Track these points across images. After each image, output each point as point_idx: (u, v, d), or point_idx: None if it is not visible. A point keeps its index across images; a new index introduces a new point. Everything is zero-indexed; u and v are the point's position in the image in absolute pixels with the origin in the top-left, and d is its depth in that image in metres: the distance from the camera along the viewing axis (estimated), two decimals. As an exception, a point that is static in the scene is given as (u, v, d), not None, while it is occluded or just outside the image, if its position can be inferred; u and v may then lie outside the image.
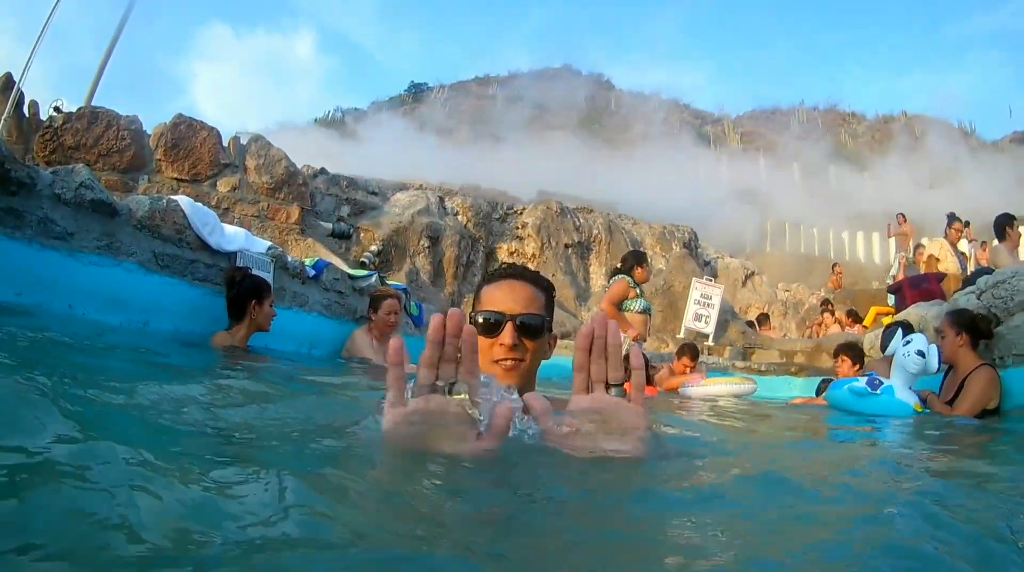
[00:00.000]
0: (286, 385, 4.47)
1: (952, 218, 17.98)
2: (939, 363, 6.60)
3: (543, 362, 3.02)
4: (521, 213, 20.08)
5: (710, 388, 9.69)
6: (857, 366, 8.89)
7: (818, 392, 9.25)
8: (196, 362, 4.97)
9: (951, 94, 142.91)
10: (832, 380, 8.81)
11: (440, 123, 53.86)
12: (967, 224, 29.20)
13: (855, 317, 17.54)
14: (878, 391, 6.50)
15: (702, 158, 51.21)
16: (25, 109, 13.52)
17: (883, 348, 7.13)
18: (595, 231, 20.20)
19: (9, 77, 14.34)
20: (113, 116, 12.80)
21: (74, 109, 14.87)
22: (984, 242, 24.60)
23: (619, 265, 10.75)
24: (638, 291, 10.20)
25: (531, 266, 17.62)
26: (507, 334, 2.78)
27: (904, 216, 26.63)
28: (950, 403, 6.47)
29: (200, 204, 6.55)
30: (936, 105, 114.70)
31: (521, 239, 19.02)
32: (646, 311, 10.29)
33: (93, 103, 15.91)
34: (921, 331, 7.99)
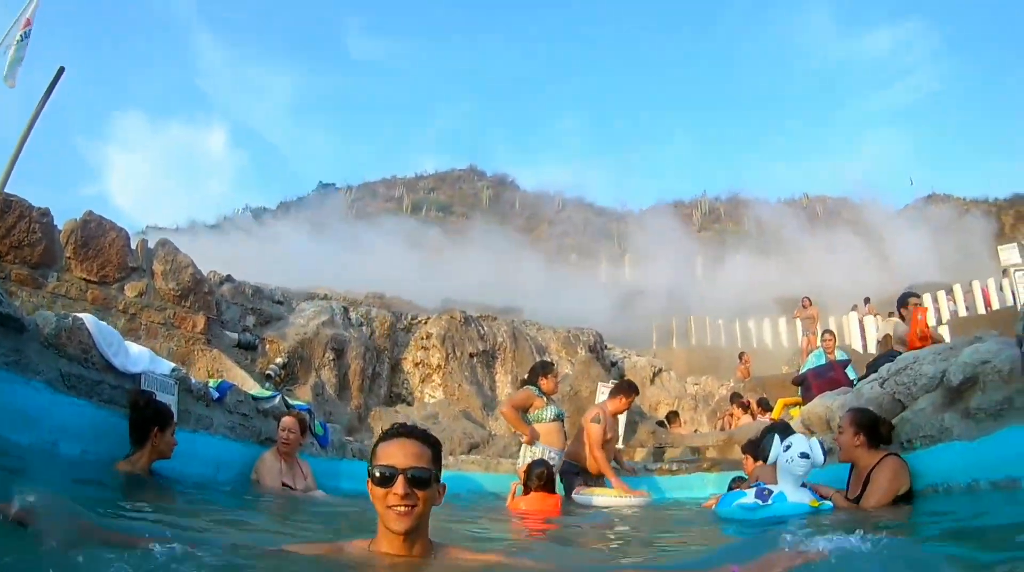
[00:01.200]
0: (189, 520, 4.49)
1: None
2: (824, 456, 6.68)
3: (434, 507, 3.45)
4: (426, 323, 20.10)
5: (603, 499, 9.68)
6: (760, 463, 8.83)
7: (729, 488, 9.26)
8: (99, 492, 4.90)
9: (852, 173, 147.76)
10: (742, 476, 8.90)
11: (346, 227, 53.94)
12: (867, 301, 30.25)
13: (765, 406, 17.71)
14: (769, 501, 6.50)
15: (606, 255, 51.93)
16: None
17: (764, 458, 7.17)
18: (499, 339, 20.26)
19: (-82, 151, 14.12)
20: (25, 207, 12.61)
21: None
22: (890, 312, 25.43)
23: (526, 377, 10.91)
24: (545, 400, 10.29)
25: (436, 377, 17.75)
26: (399, 485, 3.21)
27: (809, 299, 27.47)
28: (857, 500, 6.48)
29: (104, 324, 6.57)
30: (838, 185, 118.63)
31: (426, 349, 19.01)
32: (559, 417, 10.40)
33: (10, 182, 15.69)
34: (828, 422, 8.19)
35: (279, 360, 15.31)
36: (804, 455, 6.52)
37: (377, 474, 3.29)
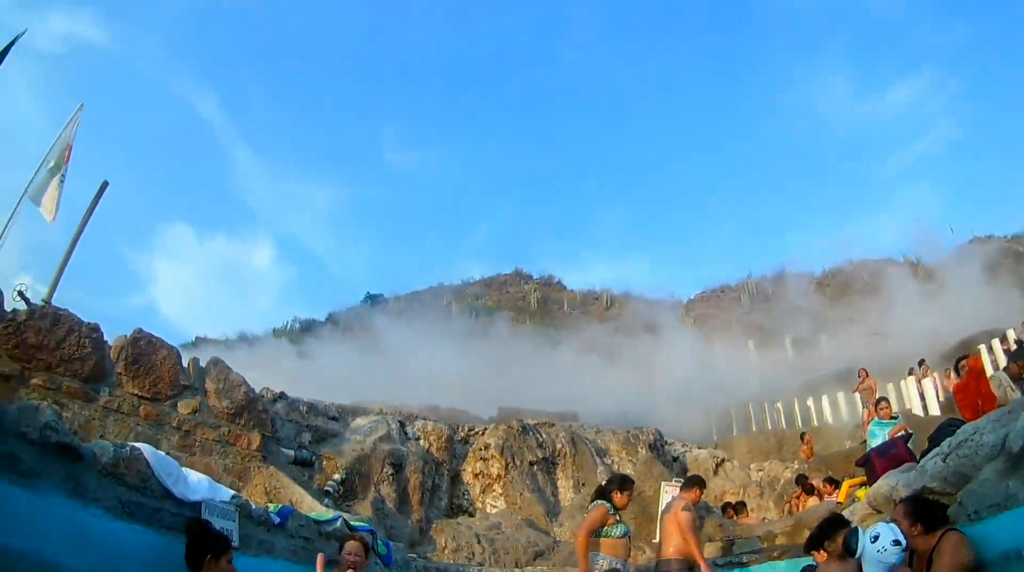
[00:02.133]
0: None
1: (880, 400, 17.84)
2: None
3: None
4: (483, 434, 19.88)
5: None
6: (825, 555, 8.53)
7: None
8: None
9: (892, 232, 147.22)
10: (812, 564, 8.54)
11: (396, 337, 53.99)
12: (921, 363, 29.46)
13: (833, 483, 17.21)
14: None
15: (658, 350, 51.33)
16: None
17: (851, 552, 6.88)
18: (559, 445, 19.95)
19: (-25, 265, 14.24)
20: (75, 321, 12.63)
21: (41, 292, 14.71)
22: (947, 369, 24.69)
23: (603, 485, 10.78)
24: (617, 517, 10.13)
25: (496, 487, 17.49)
26: None
27: (865, 371, 26.84)
28: None
29: (162, 453, 6.54)
30: (879, 246, 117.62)
31: (485, 460, 18.74)
32: (626, 535, 10.24)
33: (58, 290, 15.79)
34: (895, 502, 7.85)
35: (337, 476, 15.13)
36: (896, 542, 6.35)
37: None
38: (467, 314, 66.36)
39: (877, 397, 18.95)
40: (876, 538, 6.46)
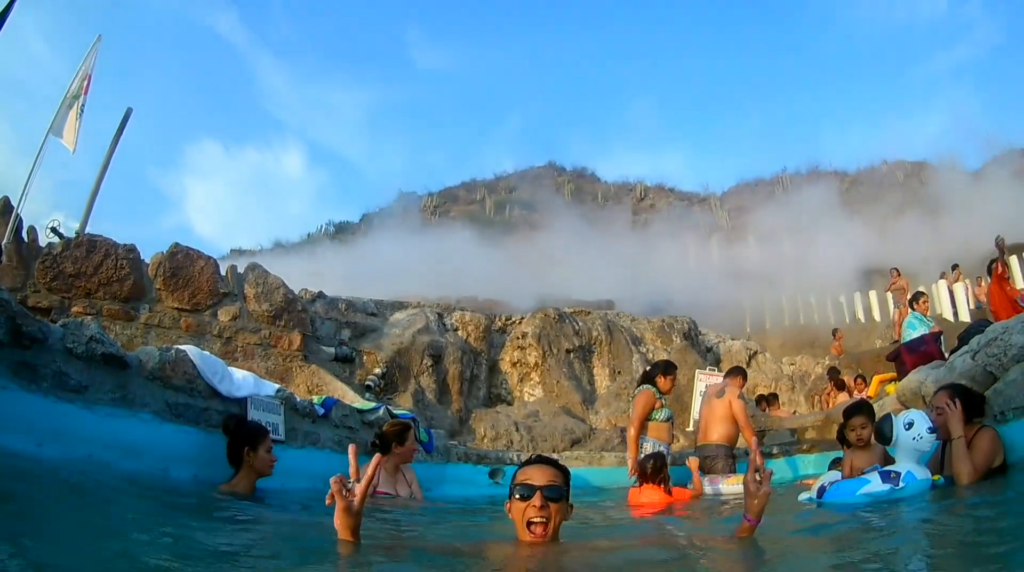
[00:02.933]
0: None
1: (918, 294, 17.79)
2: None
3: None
4: (520, 323, 20.05)
5: (732, 488, 9.75)
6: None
7: (829, 469, 9.12)
8: (201, 511, 4.91)
9: (927, 135, 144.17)
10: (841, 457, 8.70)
11: (430, 233, 53.99)
12: (954, 267, 29.38)
13: (863, 381, 17.43)
14: (900, 484, 6.28)
15: (692, 241, 51.14)
16: (24, 234, 13.56)
17: (885, 440, 6.97)
18: (595, 333, 20.09)
19: (7, 201, 14.40)
20: (111, 245, 12.86)
21: (73, 227, 14.99)
22: (979, 277, 24.71)
23: (646, 369, 11.32)
24: (662, 402, 10.52)
25: (534, 376, 17.71)
26: (536, 499, 3.81)
27: (897, 270, 26.78)
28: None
29: (208, 353, 6.67)
30: (913, 149, 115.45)
31: (523, 349, 18.93)
32: (670, 419, 10.62)
33: (90, 221, 16.05)
34: (923, 397, 8.01)
35: (377, 370, 15.37)
36: (932, 429, 6.35)
37: (518, 494, 3.90)
38: (501, 208, 66.16)
39: (915, 293, 18.95)
40: (910, 425, 6.47)
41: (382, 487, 7.63)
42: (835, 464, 9.06)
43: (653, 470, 9.09)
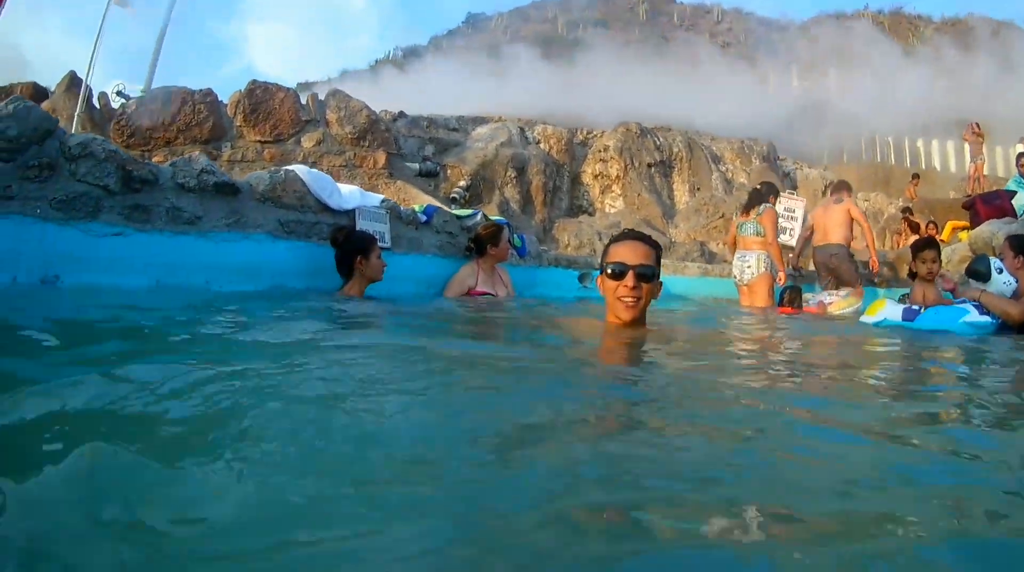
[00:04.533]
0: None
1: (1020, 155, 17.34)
2: None
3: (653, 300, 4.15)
4: (601, 136, 20.02)
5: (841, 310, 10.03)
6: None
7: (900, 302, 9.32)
8: (321, 313, 5.16)
9: None
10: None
11: (504, 53, 53.00)
12: None
13: (936, 226, 17.40)
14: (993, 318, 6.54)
15: (771, 68, 49.69)
16: (95, 101, 13.78)
17: (983, 278, 7.12)
18: (675, 149, 20.08)
19: (73, 75, 14.60)
20: (187, 92, 13.12)
21: (137, 89, 15.18)
22: None
23: (759, 187, 11.45)
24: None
25: (616, 188, 17.80)
26: (629, 279, 3.90)
27: (977, 124, 26.01)
28: None
29: (316, 170, 6.79)
30: (1001, 7, 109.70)
31: (604, 162, 18.96)
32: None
33: (154, 81, 16.22)
34: (994, 248, 8.24)
35: (462, 183, 15.54)
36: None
37: (610, 270, 3.96)
38: (573, 27, 64.54)
39: (1020, 153, 18.46)
40: (1001, 270, 6.85)
41: (481, 287, 7.90)
42: (904, 298, 9.21)
43: (789, 301, 9.91)
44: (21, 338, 2.86)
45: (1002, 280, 6.81)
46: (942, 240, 15.23)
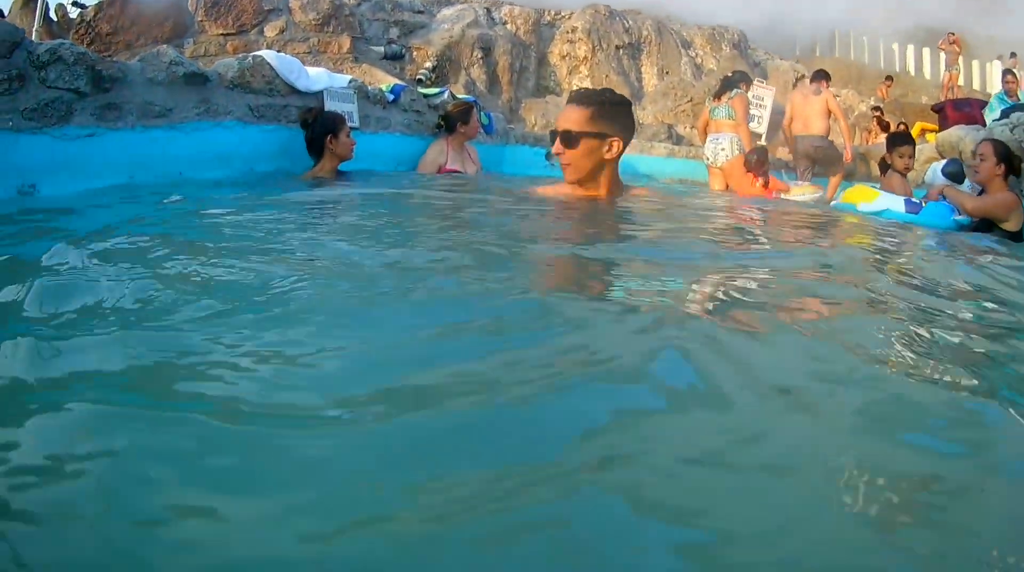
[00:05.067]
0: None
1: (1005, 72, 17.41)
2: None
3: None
4: (570, 17, 19.91)
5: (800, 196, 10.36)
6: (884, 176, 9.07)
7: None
8: (291, 194, 5.33)
9: None
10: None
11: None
12: (1013, 55, 28.25)
13: (907, 128, 17.52)
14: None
15: None
16: (52, 14, 13.67)
17: (959, 179, 7.49)
18: (644, 32, 19.89)
19: (28, -10, 14.45)
20: (146, -9, 13.01)
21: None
22: None
23: (730, 75, 11.56)
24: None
25: (583, 69, 17.87)
26: (557, 145, 3.84)
27: (954, 34, 25.90)
28: None
29: (283, 54, 6.87)
30: None
31: (572, 43, 18.85)
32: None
33: None
34: (960, 152, 8.45)
35: (428, 64, 15.50)
36: None
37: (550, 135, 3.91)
38: None
39: (1004, 69, 18.42)
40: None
41: (451, 165, 8.04)
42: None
43: (757, 162, 9.81)
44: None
45: (968, 183, 7.24)
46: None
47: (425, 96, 9.23)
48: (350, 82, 7.56)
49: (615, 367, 1.50)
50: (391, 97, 8.33)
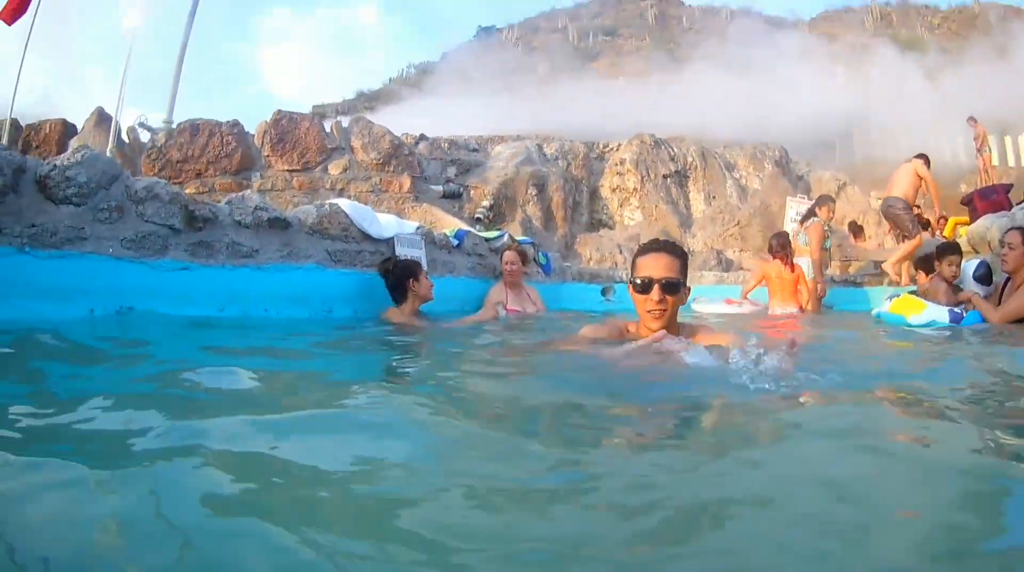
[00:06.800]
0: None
1: None
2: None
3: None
4: (618, 149, 20.37)
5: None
6: (930, 278, 9.22)
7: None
8: (382, 336, 5.72)
9: None
10: (915, 291, 9.21)
11: (515, 65, 53.18)
12: None
13: (946, 221, 17.68)
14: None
15: (780, 67, 49.54)
16: (124, 135, 14.26)
17: (988, 281, 7.78)
18: (690, 159, 20.34)
19: (101, 111, 15.05)
20: (213, 124, 13.64)
21: (159, 119, 15.69)
22: None
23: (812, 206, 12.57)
24: (828, 232, 12.05)
25: (633, 201, 18.20)
26: (655, 293, 4.00)
27: (974, 119, 26.01)
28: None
29: (357, 202, 7.36)
30: None
31: (621, 175, 19.31)
32: (827, 249, 12.42)
33: (175, 108, 16.69)
34: (988, 243, 8.71)
35: (485, 203, 15.90)
36: None
37: (638, 283, 4.06)
38: (585, 36, 64.61)
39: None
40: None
41: (512, 306, 8.43)
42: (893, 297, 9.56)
43: (779, 246, 10.67)
44: (95, 358, 3.49)
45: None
46: (945, 237, 15.60)
47: (487, 240, 9.64)
48: (417, 228, 8.06)
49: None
50: (456, 242, 8.82)
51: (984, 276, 8.12)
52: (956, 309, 7.53)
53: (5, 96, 17.11)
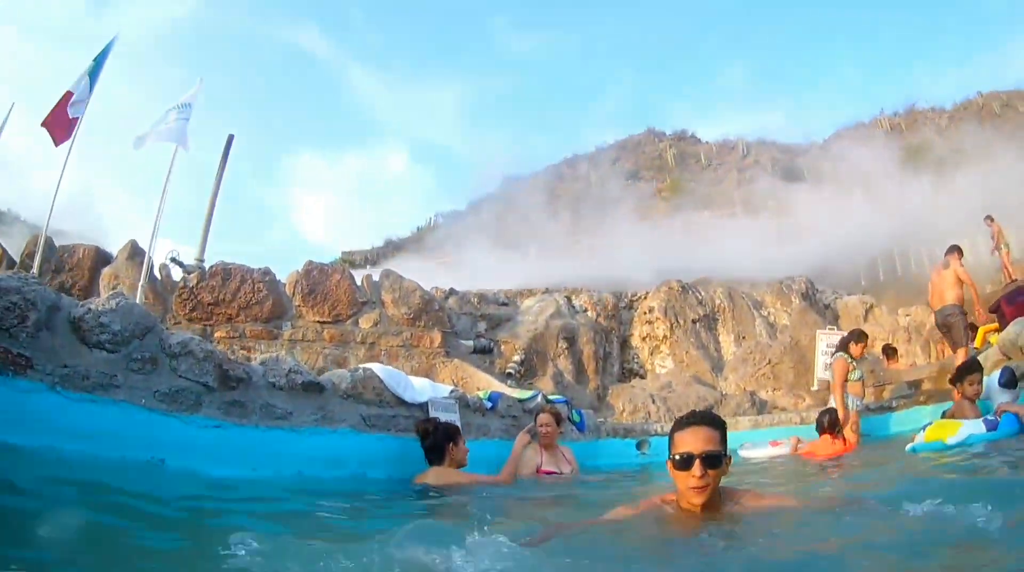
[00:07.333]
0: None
1: None
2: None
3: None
4: (645, 297, 20.45)
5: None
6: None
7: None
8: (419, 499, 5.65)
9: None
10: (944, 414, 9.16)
11: (540, 214, 53.83)
12: None
13: (975, 329, 17.52)
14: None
15: (800, 196, 49.86)
16: (156, 272, 14.39)
17: (1014, 384, 7.73)
18: (717, 301, 20.43)
19: (135, 244, 15.20)
20: (245, 270, 13.78)
21: (191, 253, 15.85)
22: None
23: (845, 338, 12.56)
24: (854, 365, 11.87)
25: (663, 348, 18.12)
26: (696, 468, 3.81)
27: (991, 217, 26.05)
28: None
29: (390, 368, 7.37)
30: (1006, 78, 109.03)
31: (650, 323, 19.37)
32: (861, 378, 12.11)
33: (207, 246, 16.88)
34: (1021, 348, 8.72)
35: (516, 357, 15.95)
36: None
37: (677, 459, 3.88)
38: (607, 181, 65.56)
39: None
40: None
41: (546, 467, 8.29)
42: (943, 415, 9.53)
43: (830, 424, 10.35)
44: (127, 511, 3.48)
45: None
46: (976, 347, 15.41)
47: (520, 401, 9.57)
48: (451, 392, 8.05)
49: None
50: (489, 405, 8.80)
51: (1009, 381, 8.27)
52: (990, 417, 7.52)
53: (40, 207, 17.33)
